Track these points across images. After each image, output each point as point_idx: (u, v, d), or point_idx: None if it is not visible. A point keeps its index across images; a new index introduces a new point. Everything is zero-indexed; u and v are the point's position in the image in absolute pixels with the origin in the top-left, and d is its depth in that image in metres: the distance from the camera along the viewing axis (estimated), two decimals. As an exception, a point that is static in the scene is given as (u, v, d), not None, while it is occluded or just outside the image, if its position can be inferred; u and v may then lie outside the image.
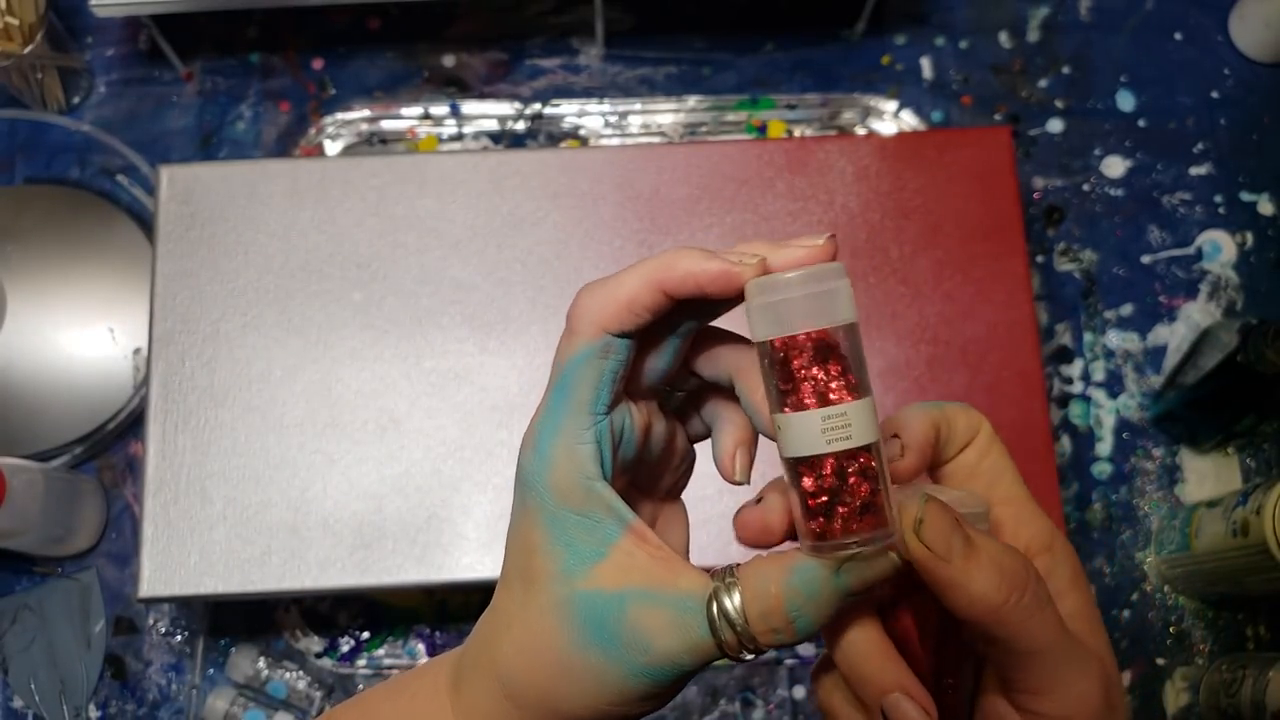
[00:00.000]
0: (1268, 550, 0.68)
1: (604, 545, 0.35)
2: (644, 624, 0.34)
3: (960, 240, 0.77)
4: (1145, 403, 0.85)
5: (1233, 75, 0.92)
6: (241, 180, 0.78)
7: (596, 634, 0.34)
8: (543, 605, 0.35)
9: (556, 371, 0.36)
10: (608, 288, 0.34)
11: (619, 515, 0.35)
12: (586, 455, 0.35)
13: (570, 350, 0.35)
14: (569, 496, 0.35)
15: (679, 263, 0.34)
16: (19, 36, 0.84)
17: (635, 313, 0.34)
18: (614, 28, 0.93)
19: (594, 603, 0.34)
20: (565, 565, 0.35)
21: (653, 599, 0.34)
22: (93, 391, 0.84)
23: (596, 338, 0.34)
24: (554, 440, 0.35)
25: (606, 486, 0.35)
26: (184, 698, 0.80)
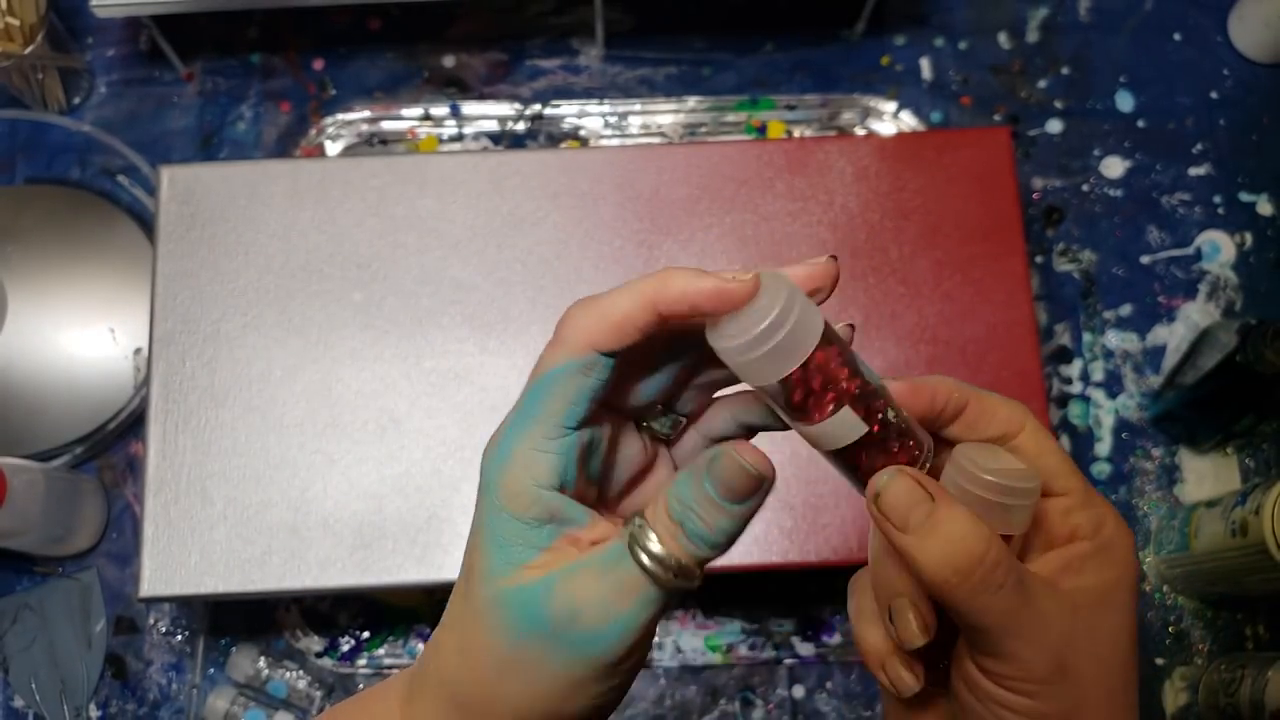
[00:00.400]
0: (1266, 550, 0.68)
1: (536, 549, 0.34)
2: (570, 591, 0.33)
3: (960, 240, 0.77)
4: (1144, 403, 0.85)
5: (1232, 75, 0.92)
6: (242, 180, 0.78)
7: (527, 623, 0.34)
8: (476, 607, 0.35)
9: (535, 376, 0.35)
10: (600, 305, 0.34)
11: (561, 521, 0.35)
12: (544, 464, 0.34)
13: (553, 361, 0.35)
14: (516, 500, 0.34)
15: (672, 281, 0.33)
16: (19, 37, 0.84)
17: (625, 332, 0.34)
18: (614, 28, 0.93)
19: (520, 595, 0.34)
20: (494, 565, 0.34)
21: (576, 568, 0.34)
22: (93, 391, 0.84)
23: (582, 354, 0.34)
24: (516, 444, 0.35)
25: (557, 496, 0.35)
26: (184, 697, 0.80)
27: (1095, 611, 0.36)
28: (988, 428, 0.37)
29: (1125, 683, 0.37)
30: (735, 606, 0.82)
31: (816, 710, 0.80)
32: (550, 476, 0.34)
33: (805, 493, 0.72)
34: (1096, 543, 0.37)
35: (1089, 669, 0.35)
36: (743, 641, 0.82)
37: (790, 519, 0.72)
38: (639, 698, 0.81)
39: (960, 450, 0.37)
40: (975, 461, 0.36)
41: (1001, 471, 0.36)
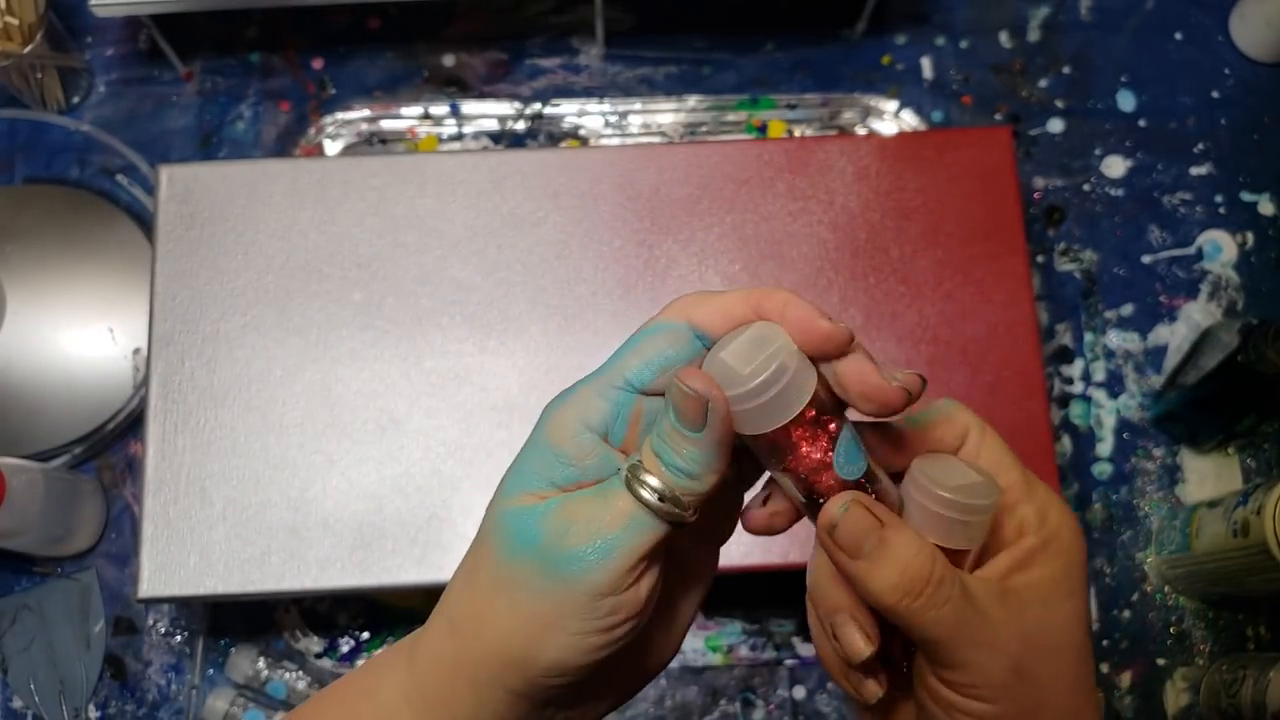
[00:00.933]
0: (1268, 550, 0.68)
1: (549, 482, 0.35)
2: (565, 513, 0.34)
3: (960, 240, 0.77)
4: (1146, 403, 0.85)
5: (1233, 75, 0.92)
6: (241, 180, 0.78)
7: (521, 540, 0.35)
8: (484, 526, 0.36)
9: (628, 339, 0.36)
10: (709, 292, 0.36)
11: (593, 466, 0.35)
12: (596, 408, 0.35)
13: (648, 323, 0.36)
14: (558, 431, 0.35)
15: (781, 294, 0.35)
16: (19, 36, 0.84)
17: (725, 318, 0.35)
18: (614, 28, 0.93)
19: (520, 514, 0.35)
20: (505, 491, 0.36)
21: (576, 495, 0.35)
22: (93, 391, 0.84)
23: (675, 321, 0.36)
24: (581, 385, 0.36)
25: (597, 441, 0.35)
26: (184, 698, 0.80)
27: (1046, 605, 0.36)
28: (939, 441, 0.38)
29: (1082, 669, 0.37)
30: (735, 607, 0.82)
31: (817, 711, 0.80)
32: (597, 420, 0.35)
33: (806, 493, 0.72)
34: (1042, 535, 0.37)
35: (1046, 666, 0.36)
36: (743, 642, 0.82)
37: (791, 519, 0.72)
38: (639, 698, 0.81)
39: (918, 465, 0.37)
40: (933, 478, 0.36)
41: (959, 489, 0.36)
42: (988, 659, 0.35)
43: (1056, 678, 0.36)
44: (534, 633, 0.34)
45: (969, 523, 0.36)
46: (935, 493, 0.36)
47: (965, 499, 0.36)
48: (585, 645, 0.34)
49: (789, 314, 0.35)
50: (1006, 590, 0.36)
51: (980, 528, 0.36)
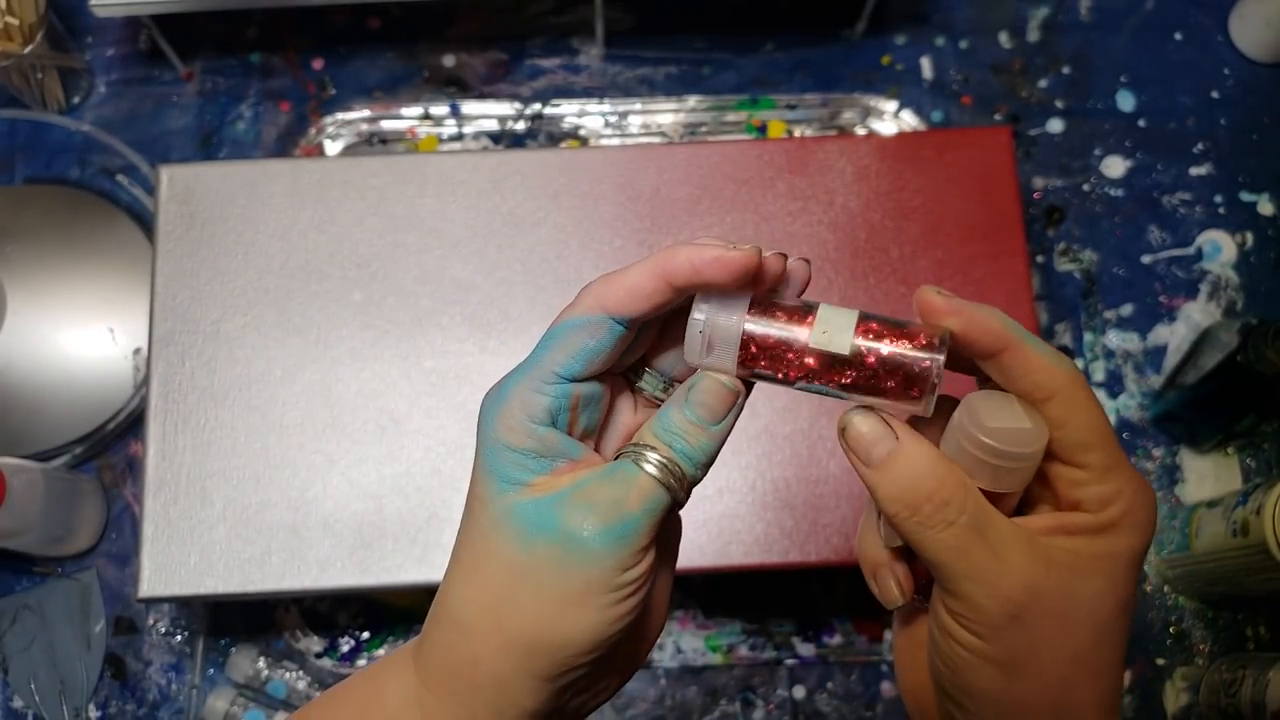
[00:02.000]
0: (1267, 550, 0.68)
1: (539, 473, 0.37)
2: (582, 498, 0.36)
3: (960, 240, 0.77)
4: (1145, 403, 0.85)
5: (1233, 75, 0.92)
6: (241, 180, 0.78)
7: (539, 528, 0.36)
8: (484, 527, 0.37)
9: (546, 332, 0.38)
10: (615, 274, 0.37)
11: (560, 452, 0.37)
12: (539, 405, 0.37)
13: (564, 316, 0.37)
14: (511, 434, 0.37)
15: (680, 252, 0.36)
16: (19, 36, 0.84)
17: (636, 298, 0.36)
18: (614, 28, 0.93)
19: (530, 507, 0.36)
20: (499, 486, 0.37)
21: (585, 480, 0.36)
22: (93, 391, 0.84)
23: (592, 313, 0.37)
24: (514, 386, 0.37)
25: (552, 431, 0.37)
26: (184, 698, 0.80)
27: (1075, 573, 0.36)
28: (1020, 380, 0.36)
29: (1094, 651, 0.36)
30: (735, 606, 0.82)
31: (817, 711, 0.80)
32: (544, 415, 0.37)
33: (805, 493, 0.72)
34: (1100, 518, 0.36)
35: (1050, 626, 0.36)
36: (743, 642, 0.82)
37: (790, 519, 0.72)
38: (639, 698, 0.81)
39: (970, 399, 0.37)
40: (977, 415, 0.36)
41: (998, 432, 0.36)
42: (985, 597, 0.35)
43: (1058, 645, 0.36)
44: (562, 613, 0.36)
45: (1002, 468, 0.36)
46: (971, 431, 0.36)
47: (1001, 444, 0.35)
48: (611, 617, 0.36)
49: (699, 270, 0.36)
50: (1034, 543, 0.36)
51: (1019, 474, 0.36)
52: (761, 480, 0.73)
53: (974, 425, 0.36)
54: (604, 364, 0.38)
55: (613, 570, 0.36)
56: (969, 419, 0.36)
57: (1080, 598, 0.36)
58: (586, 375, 0.37)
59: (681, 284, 0.36)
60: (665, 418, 0.38)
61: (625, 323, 0.37)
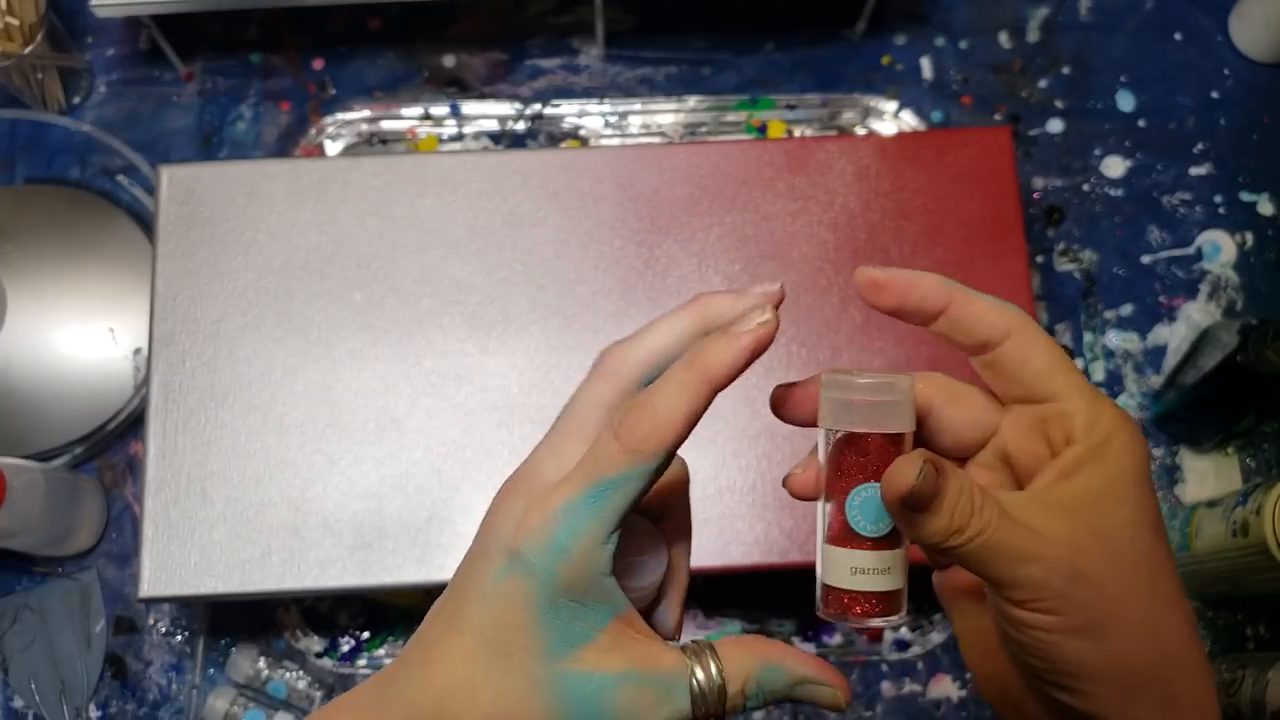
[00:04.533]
0: (1267, 550, 0.68)
1: (594, 630, 0.36)
2: (634, 702, 0.35)
3: (960, 240, 0.77)
4: (1145, 403, 0.85)
5: (1233, 75, 0.92)
6: (241, 180, 0.78)
7: (584, 712, 0.35)
8: (520, 683, 0.35)
9: (601, 469, 0.35)
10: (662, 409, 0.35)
11: (614, 604, 0.36)
12: (605, 555, 0.35)
13: (624, 462, 0.35)
14: (574, 588, 0.35)
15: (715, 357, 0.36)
16: (19, 36, 0.84)
17: (692, 425, 0.36)
18: (614, 28, 0.93)
19: (581, 683, 0.35)
20: (551, 646, 0.35)
21: (640, 680, 0.36)
22: (93, 391, 0.84)
23: (655, 460, 0.35)
24: (576, 538, 0.35)
25: (613, 581, 0.36)
26: (184, 698, 0.80)
27: (1096, 511, 0.35)
28: (974, 328, 0.38)
29: (1155, 577, 0.36)
30: (735, 606, 0.82)
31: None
32: (609, 565, 0.36)
33: (806, 493, 0.72)
34: (1089, 443, 0.36)
35: (1106, 570, 0.35)
36: (743, 642, 0.82)
37: (790, 519, 0.72)
38: (639, 698, 0.81)
39: (827, 375, 0.38)
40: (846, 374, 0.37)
41: (873, 373, 0.38)
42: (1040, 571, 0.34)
43: (1124, 584, 0.35)
44: None
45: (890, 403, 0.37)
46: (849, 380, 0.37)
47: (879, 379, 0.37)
48: None
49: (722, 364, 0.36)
50: (1049, 501, 0.35)
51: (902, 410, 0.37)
52: (761, 480, 0.73)
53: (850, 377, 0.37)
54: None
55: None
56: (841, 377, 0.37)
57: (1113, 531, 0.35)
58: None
59: (726, 385, 0.36)
60: (774, 674, 0.37)
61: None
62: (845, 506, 0.37)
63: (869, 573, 0.37)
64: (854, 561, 0.37)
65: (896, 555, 0.37)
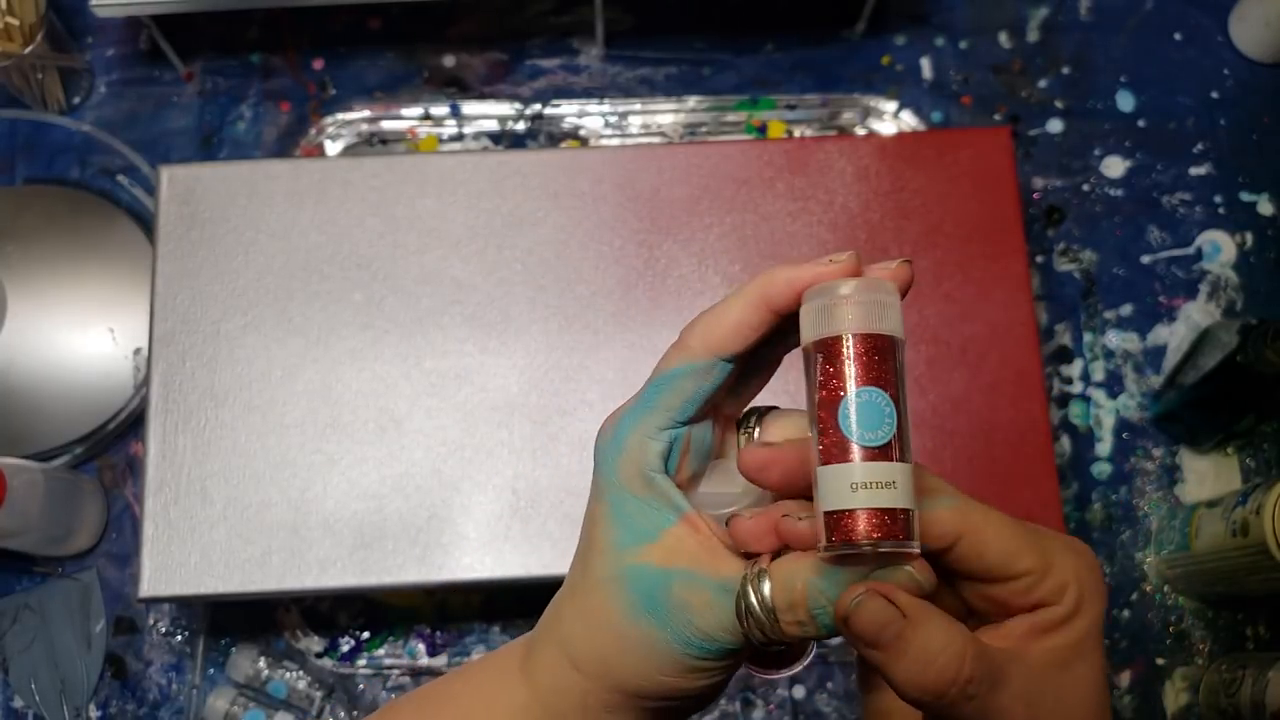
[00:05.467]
0: (1267, 550, 0.68)
1: (657, 529, 0.37)
2: (688, 599, 0.36)
3: (960, 240, 0.77)
4: (1145, 403, 0.85)
5: (1233, 75, 0.92)
6: (241, 180, 0.78)
7: (647, 605, 0.37)
8: (598, 577, 0.38)
9: (656, 374, 0.38)
10: (717, 311, 0.37)
11: (676, 505, 0.38)
12: (655, 451, 0.37)
13: (675, 361, 0.37)
14: (631, 482, 0.37)
15: (778, 274, 0.36)
16: (19, 36, 0.84)
17: (743, 334, 0.37)
18: (614, 28, 0.93)
19: (642, 576, 0.37)
20: (619, 539, 0.37)
21: (694, 579, 0.37)
22: (93, 391, 0.84)
23: (702, 357, 0.37)
24: (630, 431, 0.38)
25: (668, 480, 0.38)
26: (184, 698, 0.80)
27: (1062, 670, 0.35)
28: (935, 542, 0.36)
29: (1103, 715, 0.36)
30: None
31: (817, 711, 0.80)
32: (659, 462, 0.37)
33: (806, 493, 0.72)
34: (1065, 607, 0.36)
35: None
36: (743, 642, 0.82)
37: (791, 519, 0.72)
38: (639, 698, 0.81)
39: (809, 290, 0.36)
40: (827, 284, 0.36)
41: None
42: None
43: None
44: (666, 677, 0.37)
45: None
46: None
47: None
48: (709, 683, 0.38)
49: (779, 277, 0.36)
50: (1019, 654, 0.35)
51: None
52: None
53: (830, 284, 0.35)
54: (714, 403, 0.38)
55: (713, 663, 0.37)
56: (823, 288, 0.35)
57: (1074, 690, 0.36)
58: (699, 418, 0.38)
59: (784, 308, 0.36)
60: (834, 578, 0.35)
61: (733, 359, 0.37)
62: (838, 415, 0.34)
63: (871, 486, 0.33)
64: (853, 475, 0.33)
65: (902, 469, 0.33)
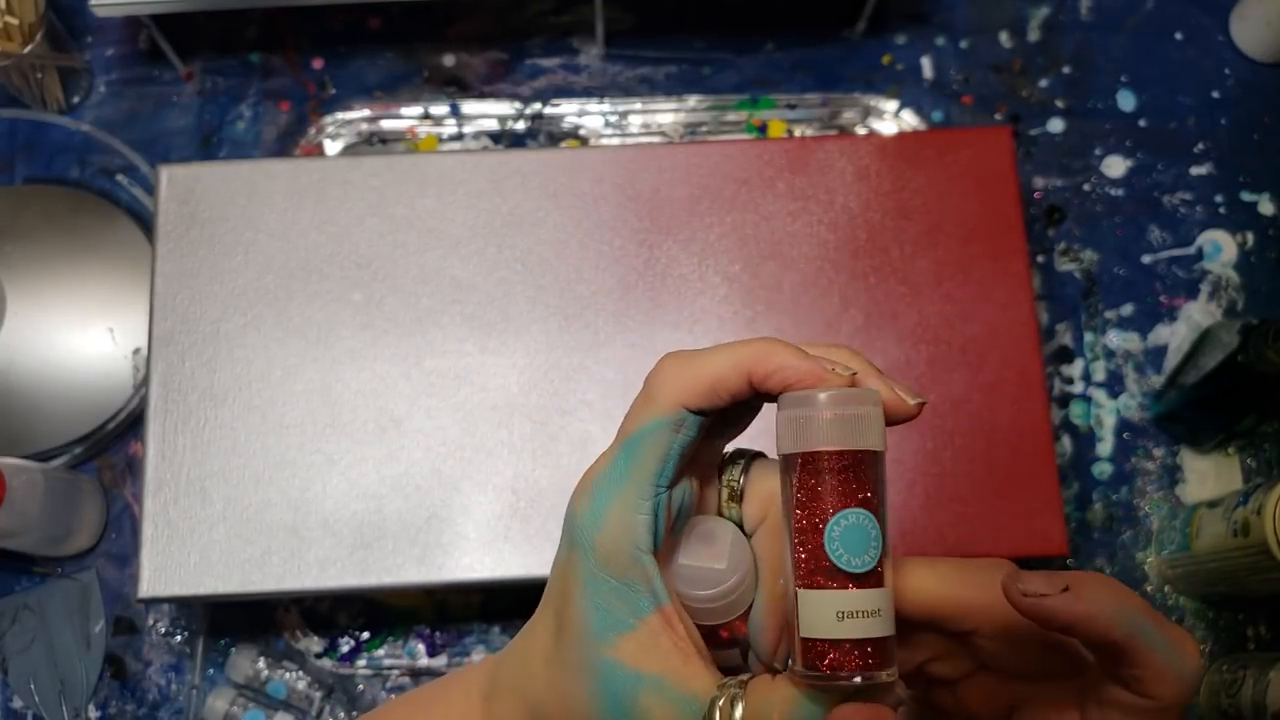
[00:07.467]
0: (1268, 550, 0.68)
1: (633, 617, 0.35)
2: (652, 712, 0.35)
3: (960, 240, 0.77)
4: (1146, 403, 0.85)
5: (1233, 75, 0.92)
6: (241, 180, 0.78)
7: (613, 705, 0.35)
8: (571, 661, 0.36)
9: (625, 433, 0.36)
10: (695, 364, 0.35)
11: (655, 593, 0.35)
12: (640, 525, 0.35)
13: (645, 417, 0.35)
14: (612, 562, 0.35)
15: (773, 356, 0.34)
16: (19, 36, 0.84)
17: (717, 394, 0.35)
18: (614, 27, 0.93)
19: (614, 673, 0.35)
20: (595, 627, 0.35)
21: (663, 689, 0.35)
22: (93, 391, 0.84)
23: (672, 412, 0.35)
24: (610, 503, 0.35)
25: (652, 561, 0.35)
26: (184, 698, 0.80)
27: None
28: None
29: None
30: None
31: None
32: (646, 538, 0.35)
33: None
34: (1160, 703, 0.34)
35: None
36: (743, 642, 0.81)
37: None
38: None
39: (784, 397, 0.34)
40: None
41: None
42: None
43: None
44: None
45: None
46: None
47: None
48: None
49: (773, 359, 0.34)
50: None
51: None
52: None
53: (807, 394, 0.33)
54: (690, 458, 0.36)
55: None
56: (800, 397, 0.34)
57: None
58: (679, 477, 0.36)
59: (766, 390, 0.34)
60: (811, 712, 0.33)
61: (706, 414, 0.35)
62: (825, 538, 0.32)
63: (858, 616, 0.32)
64: (839, 604, 0.32)
65: (885, 595, 0.33)
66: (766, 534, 0.37)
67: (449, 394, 0.74)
